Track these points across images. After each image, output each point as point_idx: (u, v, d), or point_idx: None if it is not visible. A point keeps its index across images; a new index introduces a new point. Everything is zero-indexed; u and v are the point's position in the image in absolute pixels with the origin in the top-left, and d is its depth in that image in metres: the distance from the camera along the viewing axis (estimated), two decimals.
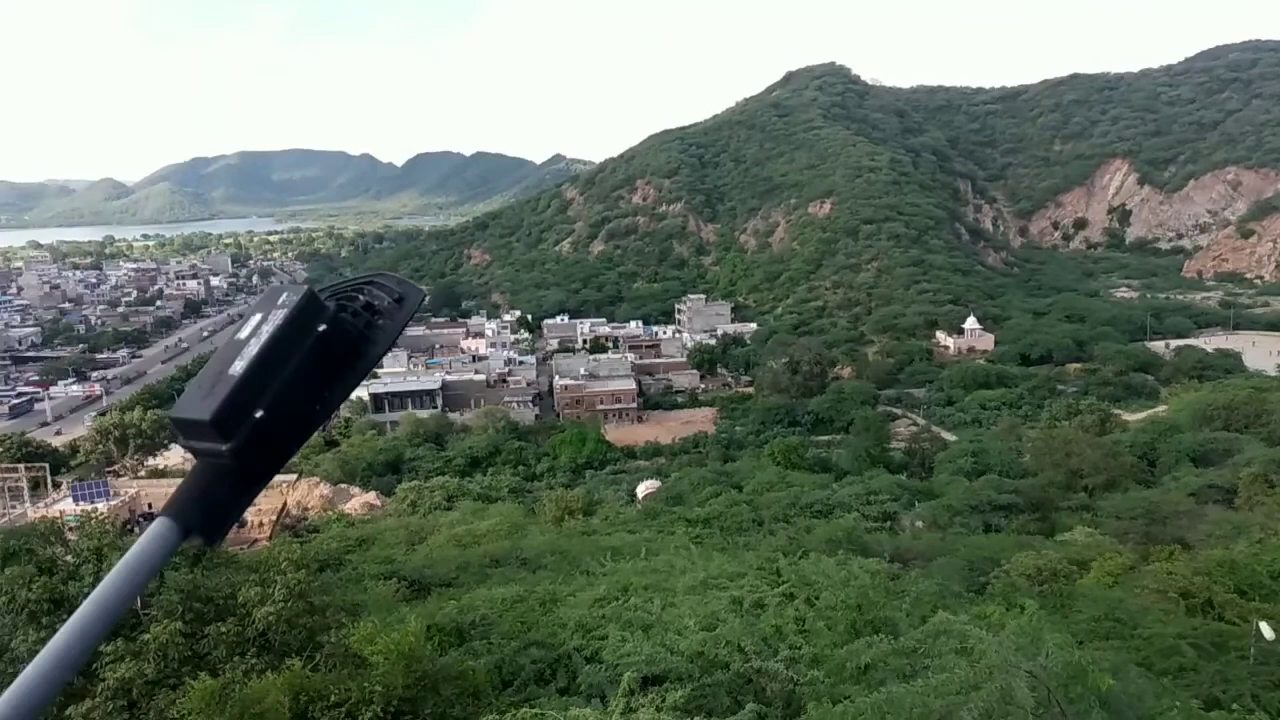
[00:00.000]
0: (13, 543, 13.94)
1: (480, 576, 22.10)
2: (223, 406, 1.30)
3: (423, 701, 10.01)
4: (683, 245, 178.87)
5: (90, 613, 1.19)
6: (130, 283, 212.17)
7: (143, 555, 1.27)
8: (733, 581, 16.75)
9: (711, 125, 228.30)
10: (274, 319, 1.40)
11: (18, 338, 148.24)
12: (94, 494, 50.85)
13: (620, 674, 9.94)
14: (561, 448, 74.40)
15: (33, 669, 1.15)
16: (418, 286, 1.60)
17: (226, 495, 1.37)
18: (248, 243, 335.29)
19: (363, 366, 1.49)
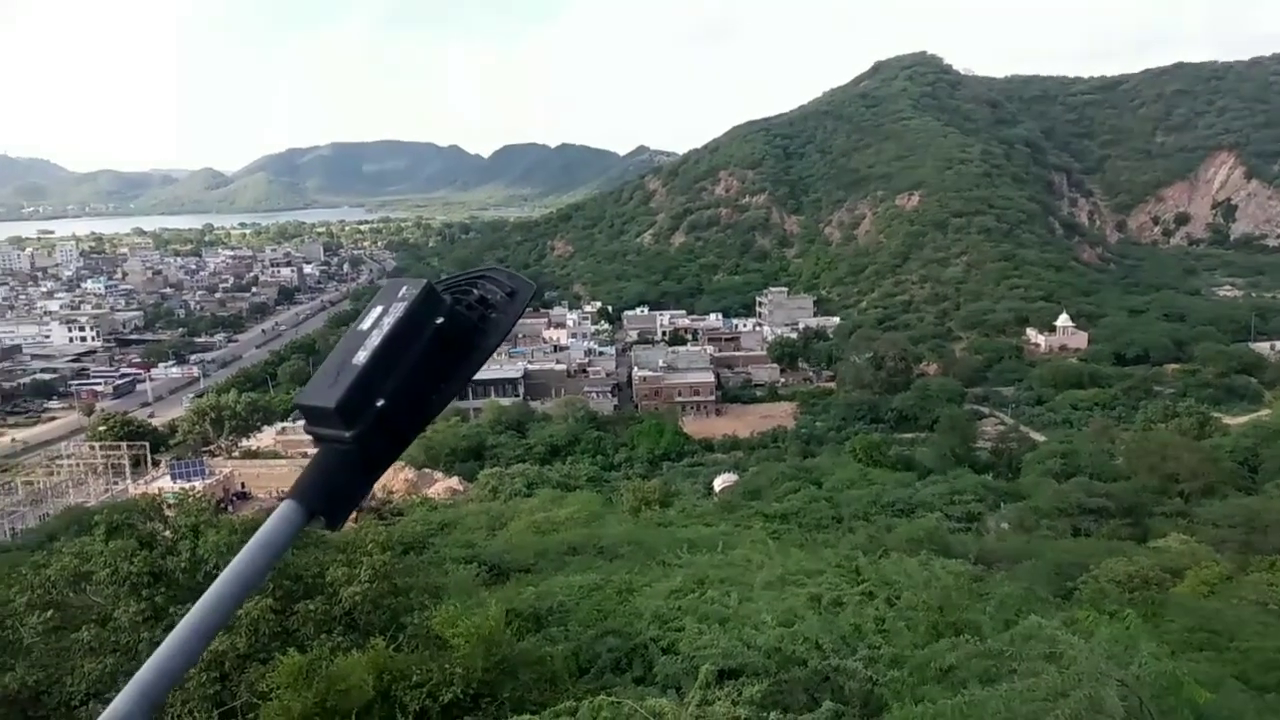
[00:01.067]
0: (116, 517, 14.58)
1: (558, 564, 22.32)
2: (347, 395, 1.34)
3: (501, 685, 10.17)
4: (765, 237, 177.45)
5: (223, 588, 1.26)
6: (228, 269, 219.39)
7: (270, 535, 1.33)
8: (811, 578, 16.60)
9: (797, 116, 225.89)
10: (394, 311, 1.44)
11: (122, 321, 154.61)
12: (191, 473, 53.03)
13: (697, 666, 9.94)
14: (639, 439, 74.66)
15: (173, 639, 1.22)
16: (529, 281, 1.63)
17: (348, 480, 1.40)
18: (339, 232, 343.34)
19: (477, 358, 1.53)
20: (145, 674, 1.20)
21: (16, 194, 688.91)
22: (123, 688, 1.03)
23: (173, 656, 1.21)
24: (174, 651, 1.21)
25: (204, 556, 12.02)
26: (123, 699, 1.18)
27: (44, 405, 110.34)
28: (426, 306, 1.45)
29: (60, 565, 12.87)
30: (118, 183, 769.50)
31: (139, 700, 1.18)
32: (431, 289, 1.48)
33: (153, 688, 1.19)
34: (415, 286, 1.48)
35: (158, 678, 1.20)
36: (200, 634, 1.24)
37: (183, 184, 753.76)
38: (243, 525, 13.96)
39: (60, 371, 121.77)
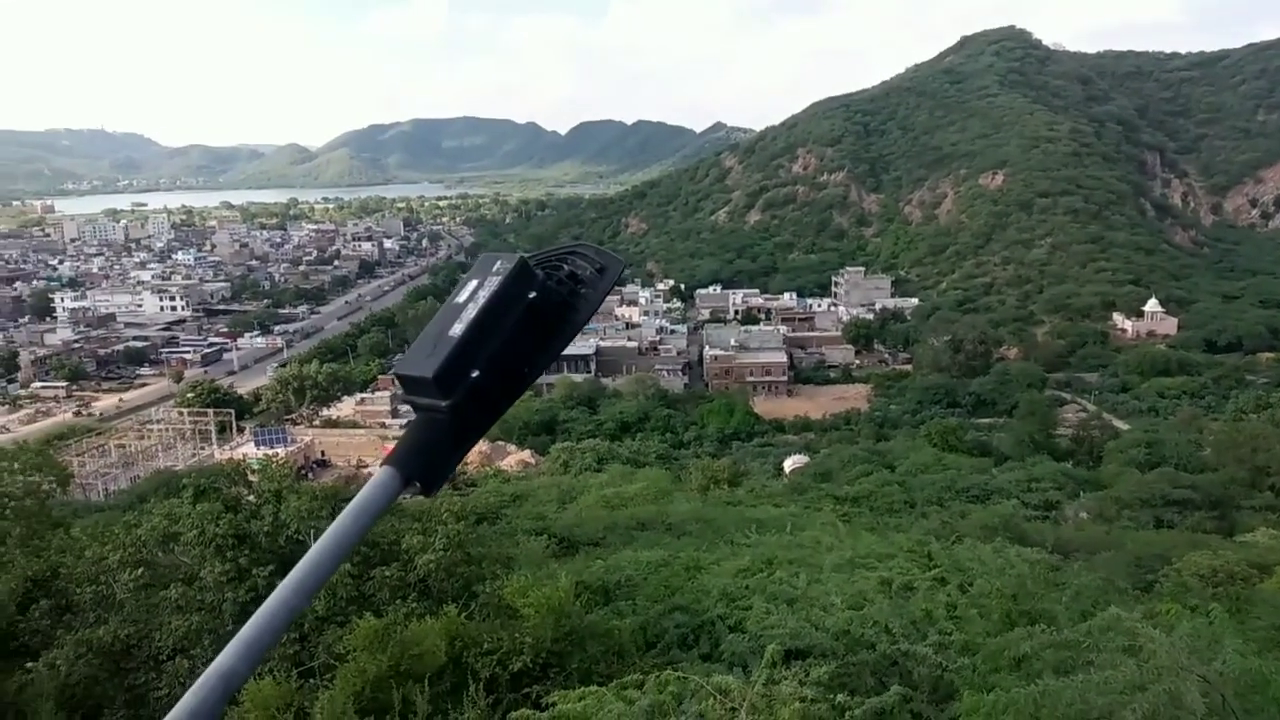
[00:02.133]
0: (203, 481, 15.14)
1: (626, 538, 22.46)
2: (444, 365, 1.39)
3: (569, 656, 10.31)
4: (843, 216, 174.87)
5: (323, 550, 1.32)
6: (311, 243, 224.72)
7: (368, 500, 1.37)
8: (881, 562, 16.43)
9: (879, 92, 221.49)
10: (489, 285, 1.47)
11: (210, 291, 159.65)
12: (273, 440, 54.75)
13: (764, 645, 9.93)
14: (709, 417, 74.61)
15: (275, 597, 1.27)
16: (618, 258, 1.65)
17: (443, 449, 1.44)
18: (419, 207, 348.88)
19: (567, 333, 1.56)
20: (250, 630, 1.25)
21: (113, 168, 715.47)
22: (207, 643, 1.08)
23: (275, 614, 1.26)
24: (277, 609, 1.26)
25: (285, 521, 12.41)
26: (228, 654, 1.23)
27: (136, 372, 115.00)
28: (520, 281, 1.48)
29: (150, 526, 13.42)
30: (207, 157, 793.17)
31: (244, 655, 1.23)
32: (525, 264, 1.51)
33: (257, 643, 1.24)
34: (509, 261, 1.51)
35: (261, 634, 1.25)
36: (301, 592, 1.29)
37: (269, 159, 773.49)
38: (323, 492, 14.36)
39: (152, 339, 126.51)
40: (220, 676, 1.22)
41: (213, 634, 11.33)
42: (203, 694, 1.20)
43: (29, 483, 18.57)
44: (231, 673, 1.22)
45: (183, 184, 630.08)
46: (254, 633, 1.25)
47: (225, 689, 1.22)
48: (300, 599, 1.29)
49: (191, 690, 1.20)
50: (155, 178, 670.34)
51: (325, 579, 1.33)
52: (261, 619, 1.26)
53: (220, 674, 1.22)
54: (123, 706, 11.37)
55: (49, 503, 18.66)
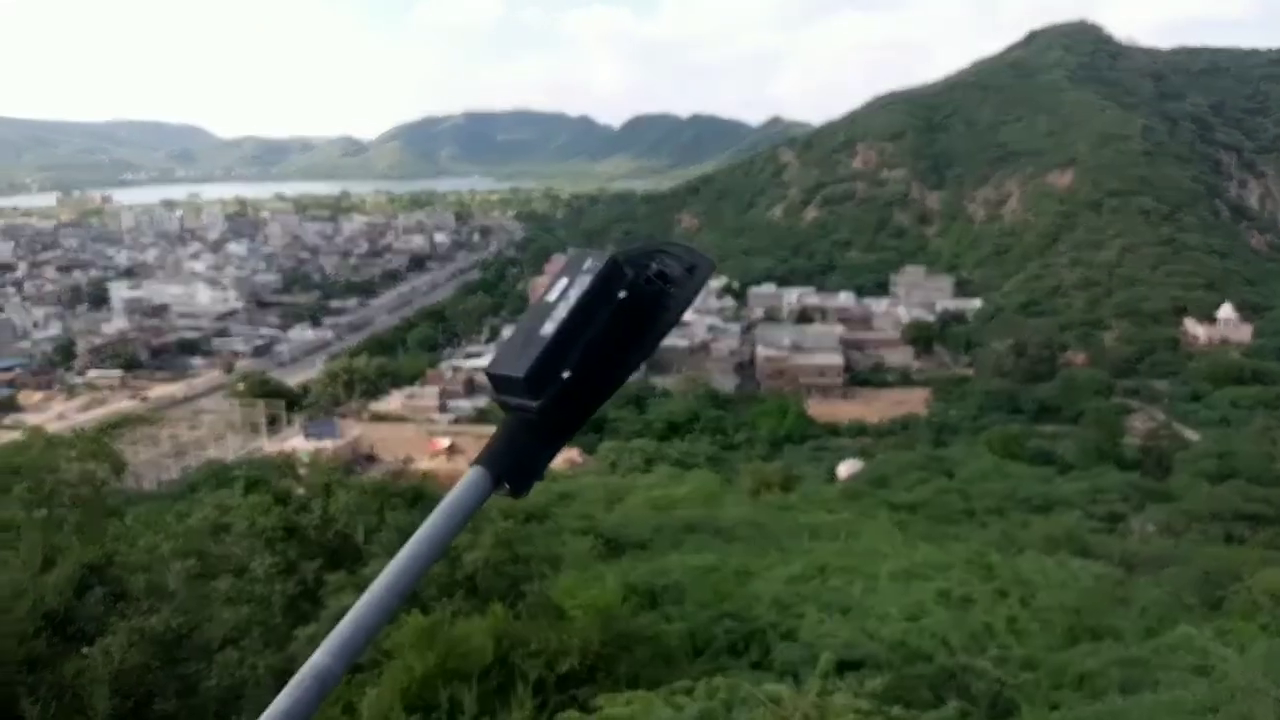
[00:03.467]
0: (254, 473, 15.24)
1: (674, 541, 22.27)
2: (535, 365, 1.38)
3: (617, 659, 10.12)
4: (903, 213, 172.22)
5: (416, 549, 1.32)
6: (362, 235, 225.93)
7: (459, 500, 1.36)
8: (938, 573, 16.06)
9: (943, 87, 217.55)
10: (579, 284, 1.45)
11: (262, 283, 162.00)
12: (323, 433, 55.43)
13: (816, 654, 9.66)
14: (761, 419, 74.06)
15: (369, 596, 1.27)
16: (708, 257, 1.59)
17: (533, 449, 1.43)
18: (470, 201, 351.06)
19: (657, 333, 1.53)
20: (344, 629, 1.25)
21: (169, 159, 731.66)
22: (256, 635, 1.08)
23: (370, 613, 1.26)
24: (371, 608, 1.26)
25: (334, 515, 12.41)
26: (323, 651, 1.24)
27: (188, 362, 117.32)
28: (610, 279, 1.47)
29: (202, 516, 13.53)
30: (261, 149, 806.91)
31: (338, 654, 1.23)
32: (615, 262, 1.50)
33: (351, 642, 1.24)
34: (599, 259, 1.49)
35: (356, 633, 1.25)
36: (394, 592, 1.29)
37: (321, 151, 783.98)
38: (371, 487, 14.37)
39: (204, 330, 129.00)
40: (315, 675, 1.22)
41: (262, 625, 11.34)
42: (298, 693, 1.20)
43: (85, 470, 18.90)
44: (326, 671, 1.22)
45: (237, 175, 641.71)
46: (348, 631, 1.25)
47: (320, 688, 1.22)
48: (393, 599, 1.28)
49: (287, 689, 1.21)
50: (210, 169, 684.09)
51: (417, 579, 1.33)
52: (355, 618, 1.26)
53: (315, 673, 1.22)
54: (174, 695, 11.42)
55: (104, 490, 18.98)
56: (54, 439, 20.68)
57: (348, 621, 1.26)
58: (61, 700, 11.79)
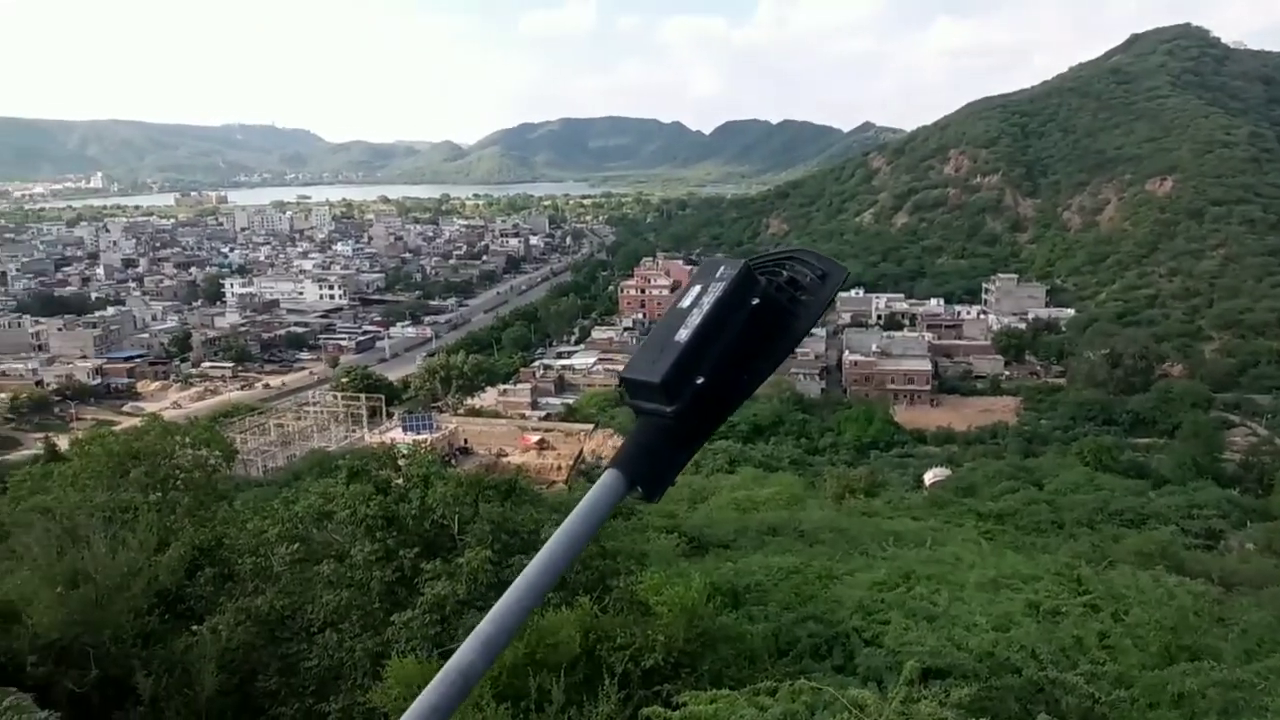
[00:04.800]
0: (356, 463, 15.85)
1: (757, 543, 22.31)
2: (671, 371, 1.38)
3: (701, 657, 10.27)
4: (996, 220, 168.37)
5: (553, 550, 1.34)
6: (461, 238, 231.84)
7: (595, 502, 1.39)
8: (1026, 584, 15.78)
9: (1039, 93, 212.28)
10: (713, 290, 1.45)
11: (366, 282, 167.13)
12: (420, 426, 56.74)
13: (901, 661, 9.65)
14: (846, 424, 73.27)
15: (509, 595, 1.30)
16: (840, 265, 1.59)
17: (667, 454, 1.44)
18: (563, 205, 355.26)
19: (788, 341, 1.52)
20: (486, 627, 1.28)
21: (281, 162, 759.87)
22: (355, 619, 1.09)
23: (510, 611, 1.28)
24: (511, 607, 1.28)
25: (431, 506, 12.84)
26: (467, 649, 1.26)
27: (295, 356, 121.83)
28: (743, 287, 1.47)
29: (307, 503, 14.14)
30: (367, 153, 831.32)
31: (481, 651, 1.26)
32: (749, 270, 1.49)
33: (493, 640, 1.27)
34: (733, 266, 1.49)
35: (497, 631, 1.27)
36: (535, 591, 1.31)
37: (424, 155, 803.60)
38: (467, 479, 14.79)
39: (311, 326, 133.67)
40: (459, 672, 1.24)
41: (361, 610, 11.82)
42: (443, 689, 1.22)
43: (198, 456, 19.86)
44: (470, 669, 1.25)
45: (344, 178, 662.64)
46: (490, 630, 1.27)
47: (465, 684, 1.24)
48: (533, 598, 1.32)
49: (431, 685, 1.23)
50: (319, 172, 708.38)
51: (556, 580, 1.34)
52: (497, 616, 1.28)
53: (459, 670, 1.25)
54: (276, 674, 11.97)
55: (215, 476, 19.89)
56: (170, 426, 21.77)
57: (489, 620, 1.29)
58: (172, 675, 12.48)
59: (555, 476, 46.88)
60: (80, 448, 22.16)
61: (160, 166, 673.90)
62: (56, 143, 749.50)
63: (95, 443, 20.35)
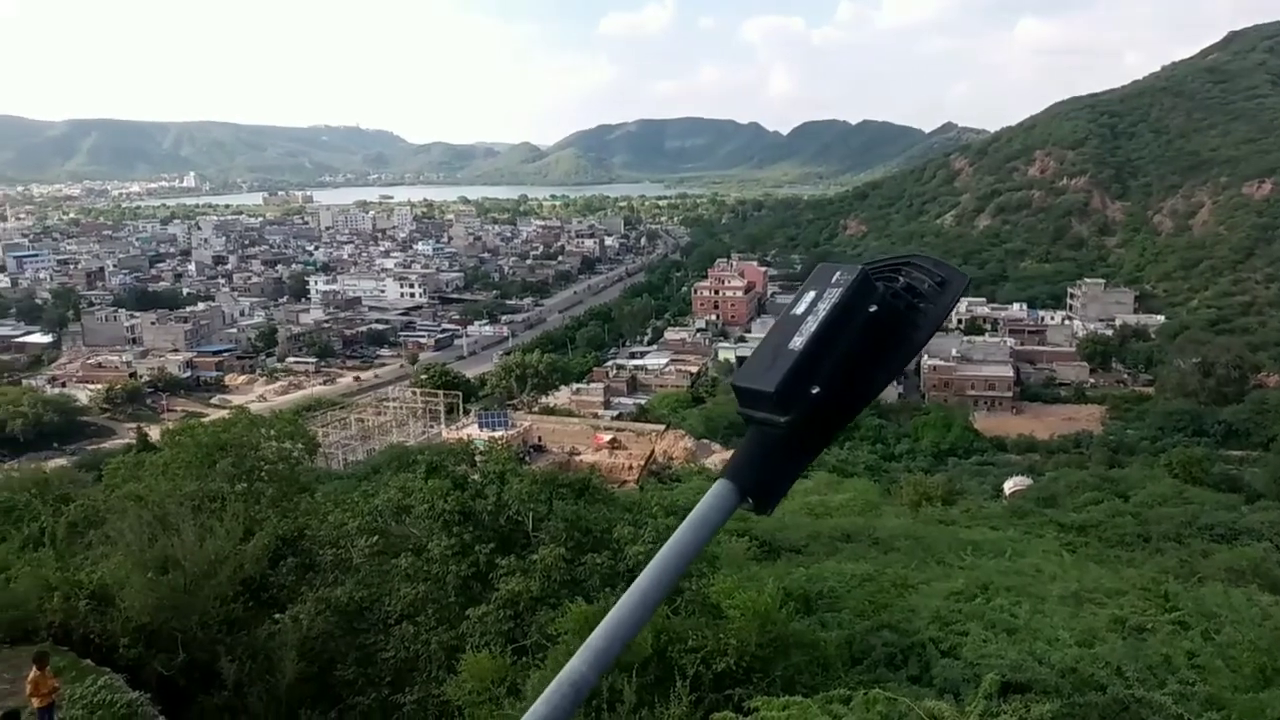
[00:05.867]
0: (435, 458, 16.12)
1: (830, 548, 22.07)
2: (785, 380, 1.35)
3: (773, 662, 10.18)
4: (1082, 223, 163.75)
5: (664, 561, 1.31)
6: (537, 238, 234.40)
7: (707, 513, 1.35)
8: (1111, 599, 15.29)
9: (1130, 92, 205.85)
10: (829, 297, 1.42)
11: (445, 281, 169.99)
12: (495, 423, 57.37)
13: (980, 674, 9.44)
14: (924, 430, 72.07)
15: (620, 607, 1.28)
16: (960, 272, 1.56)
17: (780, 465, 1.41)
18: (639, 206, 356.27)
19: (907, 351, 1.48)
20: (596, 640, 1.26)
21: (365, 162, 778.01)
22: (430, 612, 1.09)
23: (622, 624, 1.27)
24: (622, 619, 1.27)
25: (507, 502, 13.00)
26: (578, 661, 1.25)
27: (376, 352, 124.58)
28: (861, 294, 1.43)
29: (386, 497, 14.43)
30: (448, 154, 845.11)
31: (592, 662, 1.25)
32: (867, 276, 1.45)
33: (604, 652, 1.26)
34: (849, 273, 1.45)
35: (609, 643, 1.26)
36: (646, 604, 1.28)
37: (503, 156, 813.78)
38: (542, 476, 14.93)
39: (391, 323, 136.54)
40: (571, 684, 1.23)
41: (436, 604, 12.01)
42: (555, 700, 1.22)
43: (282, 449, 20.39)
44: (582, 680, 1.24)
45: (425, 179, 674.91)
46: (602, 642, 1.26)
47: (576, 696, 1.23)
48: (645, 611, 1.29)
49: (543, 697, 1.22)
50: (401, 172, 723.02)
51: (667, 592, 1.32)
52: (608, 628, 1.27)
53: (571, 681, 1.23)
54: (354, 664, 12.25)
55: (298, 468, 20.40)
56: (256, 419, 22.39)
57: (601, 631, 1.27)
58: (254, 661, 12.87)
59: (627, 476, 47.01)
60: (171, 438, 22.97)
61: (250, 166, 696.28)
62: (153, 143, 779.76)
63: (185, 434, 21.06)
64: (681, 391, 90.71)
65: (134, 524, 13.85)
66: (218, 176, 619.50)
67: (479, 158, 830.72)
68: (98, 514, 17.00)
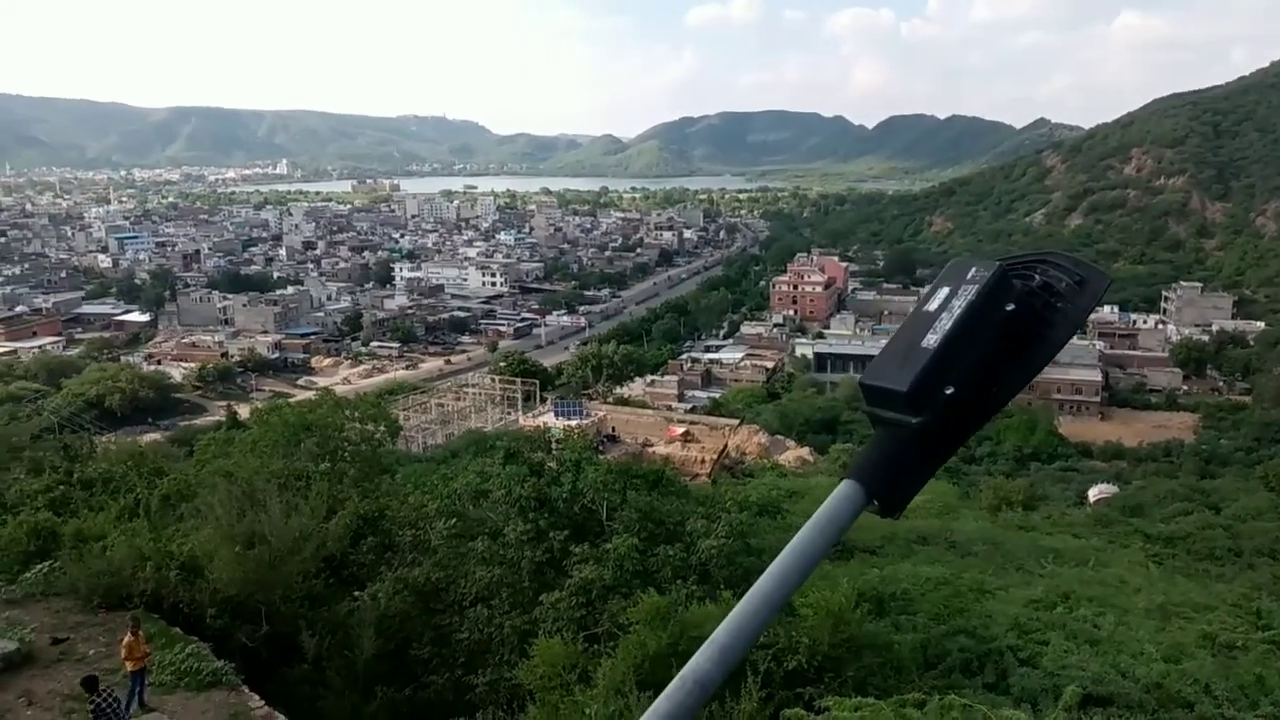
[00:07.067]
0: (512, 444, 16.33)
1: (905, 550, 21.76)
2: (918, 380, 1.30)
3: (845, 663, 10.09)
4: (1180, 224, 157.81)
5: (789, 562, 1.27)
6: (617, 230, 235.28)
7: (833, 514, 1.32)
8: (1199, 613, 14.77)
9: (1235, 89, 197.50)
10: (963, 294, 1.37)
11: (526, 271, 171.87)
12: (571, 412, 57.78)
13: (1060, 685, 9.21)
14: (1006, 434, 70.36)
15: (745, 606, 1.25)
16: (1101, 271, 1.48)
17: (909, 467, 1.36)
18: (719, 199, 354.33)
19: (1044, 352, 1.42)
20: (721, 636, 1.24)
21: (450, 153, 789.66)
22: (505, 596, 1.07)
23: (746, 623, 1.24)
24: (747, 617, 1.24)
25: (582, 490, 13.11)
26: (702, 658, 1.22)
27: (457, 339, 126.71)
28: (998, 292, 1.38)
29: (465, 481, 14.70)
30: (531, 145, 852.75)
31: (718, 661, 1.22)
32: (1005, 273, 1.41)
33: (730, 650, 1.23)
34: (986, 269, 1.40)
35: (734, 641, 1.23)
36: (770, 603, 1.25)
37: (585, 148, 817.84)
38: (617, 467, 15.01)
39: (473, 311, 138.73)
40: (696, 681, 1.21)
41: (511, 588, 12.18)
42: (678, 697, 1.19)
43: (365, 431, 20.92)
44: (707, 678, 1.21)
45: (509, 169, 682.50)
46: (726, 640, 1.23)
47: (700, 693, 1.21)
48: (769, 611, 1.26)
49: (665, 693, 1.20)
50: (485, 163, 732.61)
51: (792, 592, 1.30)
52: (732, 626, 1.24)
53: (695, 678, 1.21)
54: (429, 643, 12.51)
55: (380, 450, 20.89)
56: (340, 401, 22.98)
57: (725, 629, 1.24)
58: (334, 637, 13.23)
59: (699, 470, 46.88)
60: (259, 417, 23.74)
61: (340, 154, 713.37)
62: (248, 130, 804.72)
63: (273, 413, 21.75)
64: (756, 386, 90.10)
65: (223, 499, 14.35)
66: (309, 164, 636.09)
67: (561, 149, 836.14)
68: (189, 488, 17.65)
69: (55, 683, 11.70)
